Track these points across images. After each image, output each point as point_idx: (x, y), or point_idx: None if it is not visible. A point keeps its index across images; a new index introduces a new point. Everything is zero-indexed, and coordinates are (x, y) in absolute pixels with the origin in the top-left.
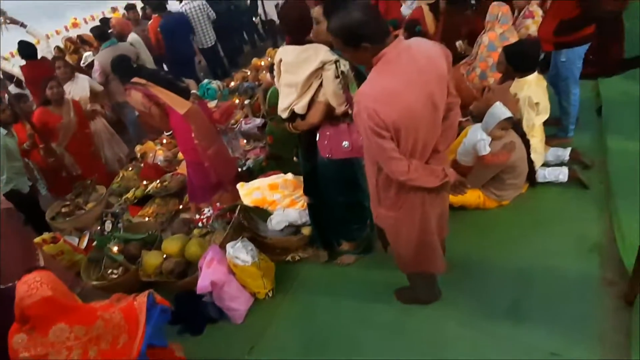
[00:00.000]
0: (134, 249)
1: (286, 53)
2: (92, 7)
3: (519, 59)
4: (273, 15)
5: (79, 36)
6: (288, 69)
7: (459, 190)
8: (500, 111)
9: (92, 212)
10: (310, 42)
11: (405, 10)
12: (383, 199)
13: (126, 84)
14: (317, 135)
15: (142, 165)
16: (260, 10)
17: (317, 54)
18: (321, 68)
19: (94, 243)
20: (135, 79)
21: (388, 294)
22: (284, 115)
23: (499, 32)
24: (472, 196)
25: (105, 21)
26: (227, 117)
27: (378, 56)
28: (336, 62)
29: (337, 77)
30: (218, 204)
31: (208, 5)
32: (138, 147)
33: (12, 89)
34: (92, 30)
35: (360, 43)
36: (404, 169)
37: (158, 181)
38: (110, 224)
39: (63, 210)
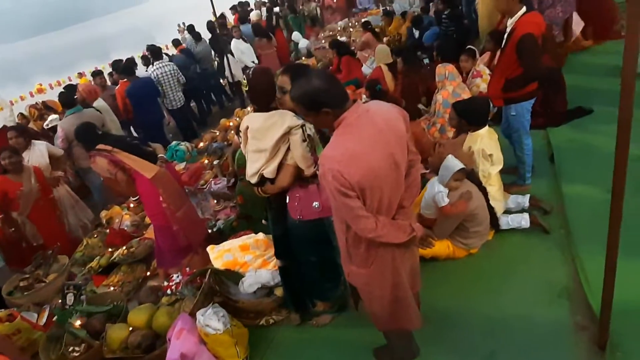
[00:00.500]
0: (97, 323)
1: (252, 120)
2: (58, 73)
3: (470, 115)
4: (241, 76)
5: (43, 102)
6: (255, 136)
7: (426, 243)
8: (452, 164)
9: (53, 285)
10: (276, 108)
11: (366, 69)
12: (354, 255)
13: (91, 152)
14: (287, 197)
15: (107, 231)
16: (227, 73)
17: (284, 119)
18: (288, 133)
19: (55, 318)
20: (100, 146)
21: (366, 353)
22: (253, 180)
23: (450, 89)
24: (442, 247)
25: (71, 87)
26: (196, 179)
27: (339, 120)
28: (302, 126)
29: (304, 140)
30: (187, 268)
31: (178, 70)
32: (104, 213)
33: None
34: (59, 96)
35: (321, 108)
36: (372, 226)
37: (124, 247)
38: (72, 297)
39: (21, 284)
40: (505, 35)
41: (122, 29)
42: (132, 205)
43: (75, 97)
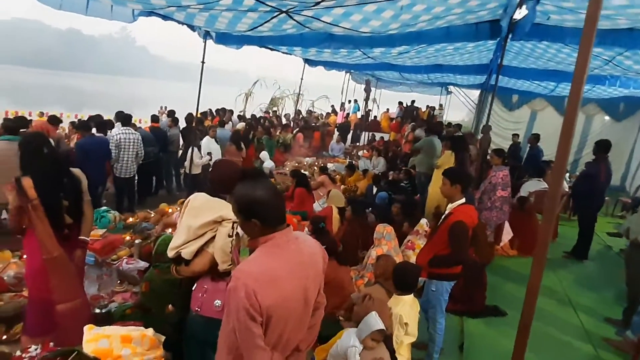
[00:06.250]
0: None
1: (196, 197)
2: (22, 106)
3: (400, 278)
4: (198, 171)
5: None
6: (190, 212)
7: None
8: (374, 321)
9: None
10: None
11: (317, 207)
12: None
13: (14, 180)
14: (195, 285)
15: None
16: (187, 163)
17: (221, 208)
18: (219, 222)
19: None
20: (26, 183)
21: None
22: (170, 254)
23: (385, 249)
24: None
25: (22, 119)
26: (109, 250)
27: (267, 237)
28: (234, 222)
29: (230, 236)
30: (52, 343)
31: (142, 143)
32: None
33: None
34: (3, 120)
35: (250, 218)
36: None
37: None
38: None
39: None
40: (442, 217)
41: (102, 90)
42: (25, 256)
43: (23, 130)
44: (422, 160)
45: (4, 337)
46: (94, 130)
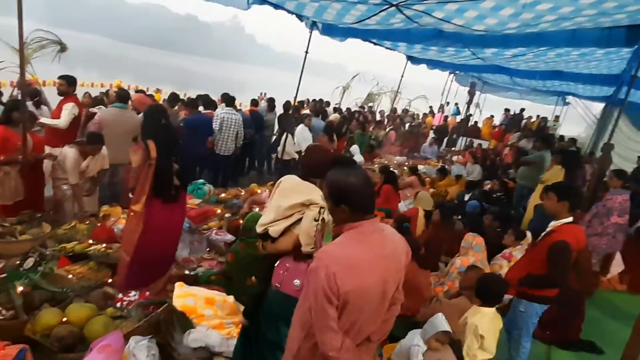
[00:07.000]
0: (37, 299)
1: (287, 179)
2: (141, 81)
3: (484, 289)
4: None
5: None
6: (281, 193)
7: None
8: (439, 322)
9: (22, 245)
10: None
11: (402, 207)
12: None
13: (139, 142)
14: (277, 262)
15: (98, 224)
16: (280, 149)
17: (310, 192)
18: (307, 206)
19: (4, 275)
20: (152, 147)
21: None
22: (259, 230)
23: (471, 260)
24: None
25: (140, 92)
26: (202, 219)
27: (354, 224)
28: (321, 207)
29: (315, 220)
30: (148, 292)
31: (242, 125)
32: (105, 207)
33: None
34: (119, 90)
35: (340, 204)
36: (337, 344)
37: (104, 245)
38: (31, 262)
39: None
40: (543, 234)
41: (209, 73)
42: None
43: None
44: (526, 174)
45: (110, 280)
46: (200, 108)
